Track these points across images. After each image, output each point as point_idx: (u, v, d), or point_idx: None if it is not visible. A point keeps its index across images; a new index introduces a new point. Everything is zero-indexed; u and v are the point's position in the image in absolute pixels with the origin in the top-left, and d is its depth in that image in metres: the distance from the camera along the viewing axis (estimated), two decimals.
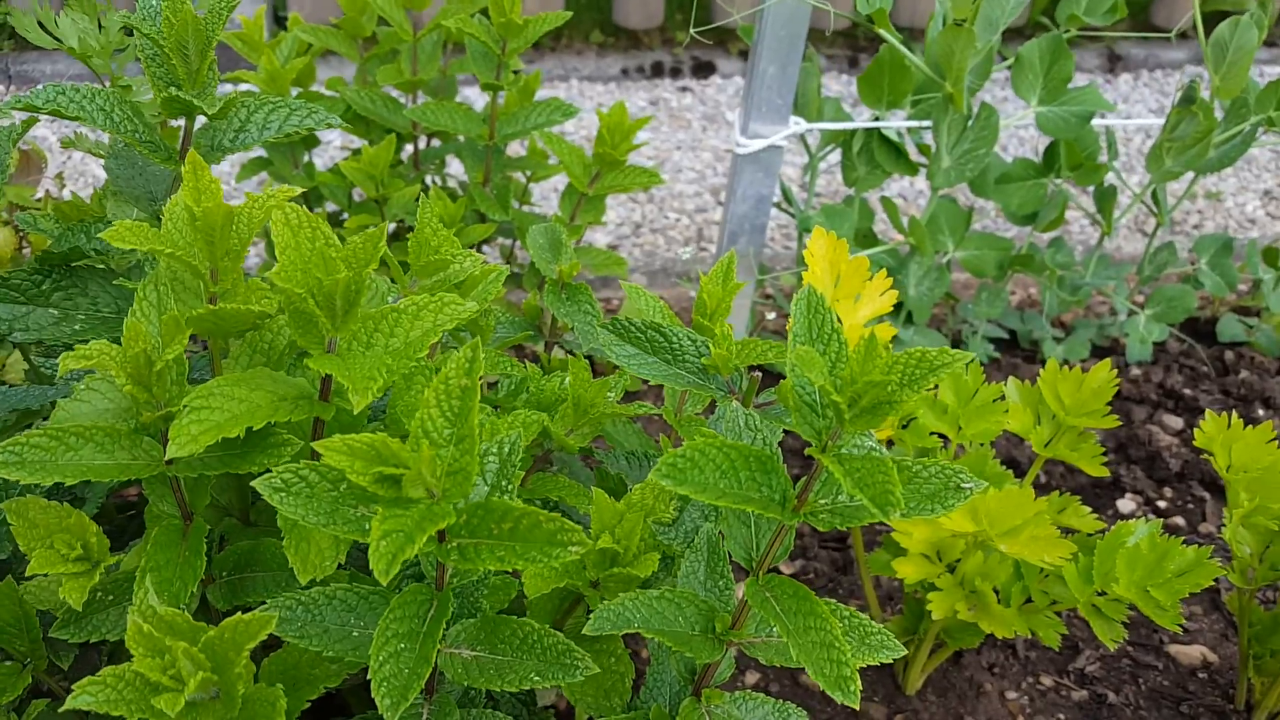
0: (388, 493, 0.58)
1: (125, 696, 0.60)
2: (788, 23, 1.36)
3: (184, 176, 0.69)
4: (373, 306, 0.74)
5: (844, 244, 0.99)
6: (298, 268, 0.66)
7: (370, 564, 0.54)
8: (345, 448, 0.58)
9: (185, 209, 0.69)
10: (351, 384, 0.62)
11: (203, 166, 0.70)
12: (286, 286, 0.62)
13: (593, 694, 0.80)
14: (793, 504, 0.64)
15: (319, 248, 0.66)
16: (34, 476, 0.65)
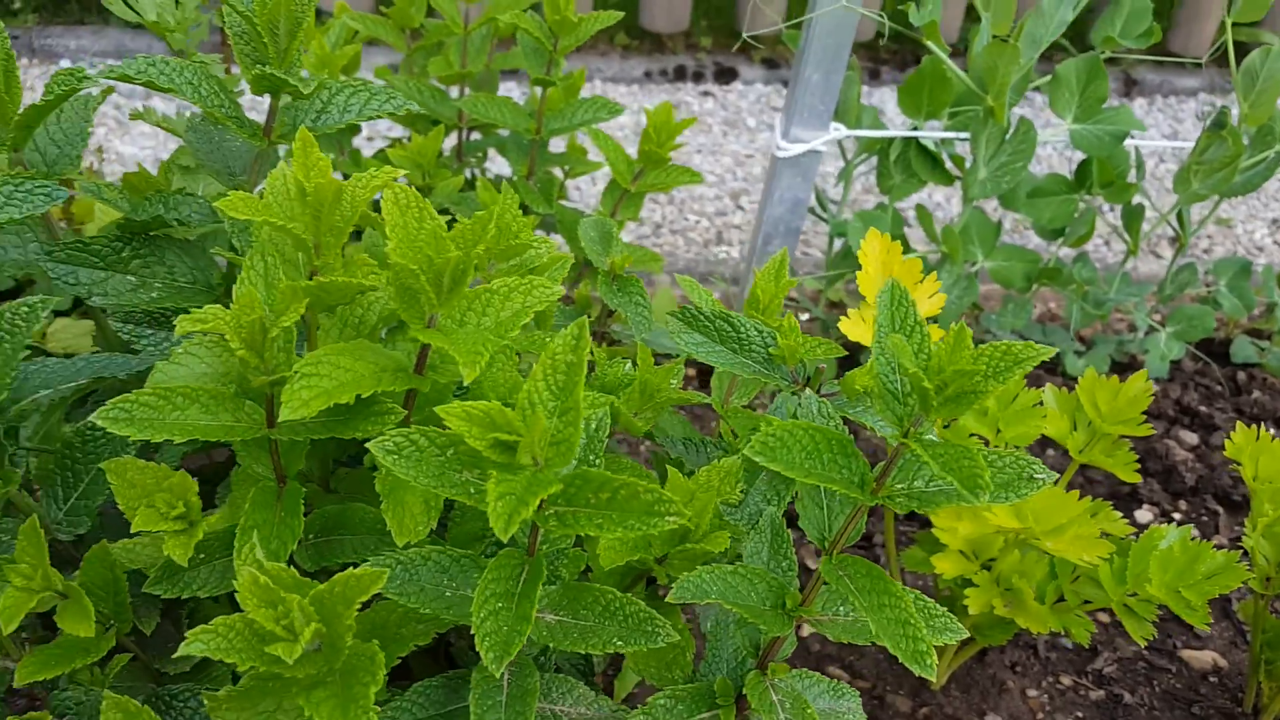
0: (500, 458, 0.61)
1: (236, 645, 0.63)
2: (834, 31, 1.40)
3: (294, 153, 0.72)
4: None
5: (897, 245, 1.03)
6: (407, 245, 0.69)
7: (490, 522, 0.57)
8: (464, 414, 0.61)
9: (296, 183, 0.72)
10: (461, 357, 0.65)
11: (312, 143, 0.73)
12: (402, 263, 0.65)
13: (655, 665, 0.83)
14: (871, 486, 0.67)
15: (430, 227, 0.69)
16: (143, 433, 0.68)
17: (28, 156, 0.94)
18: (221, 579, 0.75)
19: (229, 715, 0.70)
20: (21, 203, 0.73)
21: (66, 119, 0.97)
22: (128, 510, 0.70)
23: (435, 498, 0.74)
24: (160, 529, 0.70)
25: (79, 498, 0.77)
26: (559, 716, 0.77)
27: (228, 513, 0.77)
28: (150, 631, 0.77)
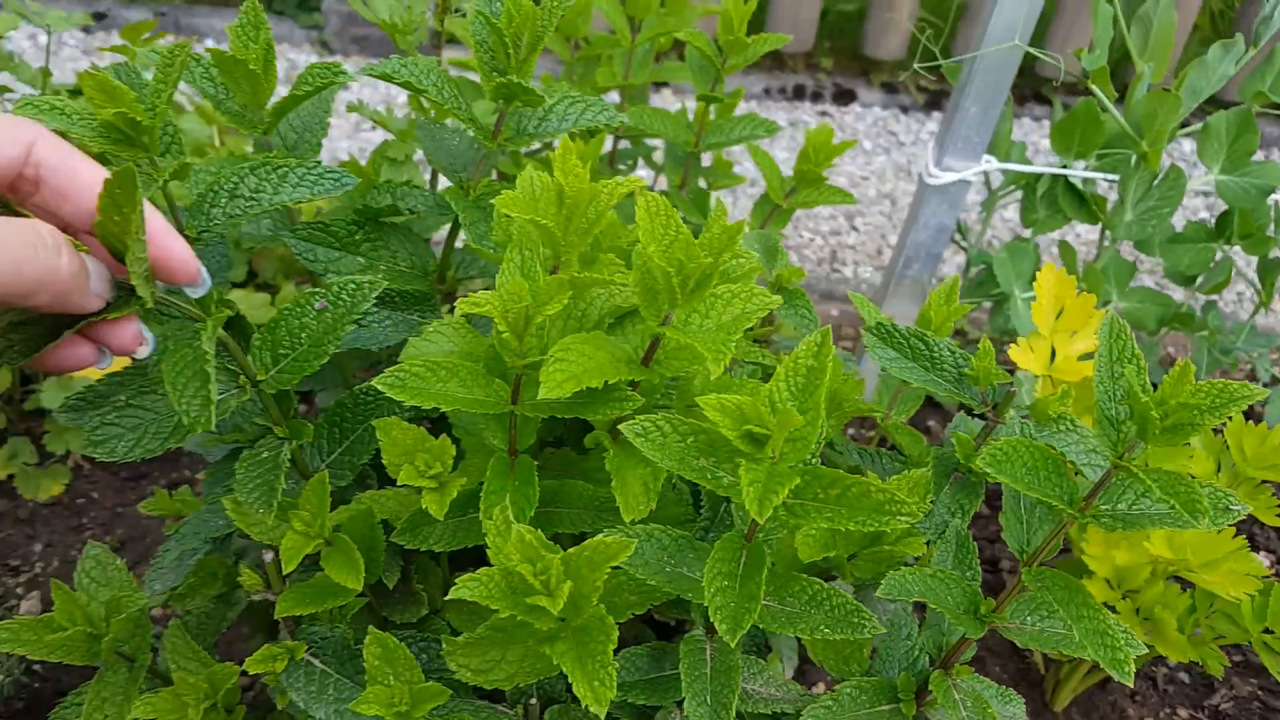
0: (748, 449, 0.68)
1: (494, 594, 0.70)
2: (997, 68, 1.44)
3: (555, 158, 0.79)
4: None
5: (1072, 280, 1.07)
6: (659, 248, 0.75)
7: (745, 503, 0.64)
8: (719, 405, 0.67)
9: (555, 185, 0.79)
10: (708, 354, 0.71)
11: (571, 149, 0.80)
12: (660, 264, 0.72)
13: (834, 658, 0.88)
14: (1079, 504, 0.72)
15: (679, 234, 0.75)
16: (414, 399, 0.75)
17: (271, 140, 1.02)
18: (453, 536, 0.83)
19: (460, 659, 0.77)
20: (313, 185, 0.81)
21: (305, 108, 1.05)
22: (391, 467, 0.78)
23: (654, 481, 0.80)
24: (419, 484, 0.77)
25: (342, 454, 0.85)
26: (750, 695, 0.83)
27: (465, 479, 0.84)
28: (393, 584, 0.85)
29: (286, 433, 0.81)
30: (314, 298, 0.79)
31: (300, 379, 0.76)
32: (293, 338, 0.77)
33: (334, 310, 0.77)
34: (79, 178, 0.62)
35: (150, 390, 0.77)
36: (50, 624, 0.86)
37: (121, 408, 0.76)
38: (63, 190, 0.62)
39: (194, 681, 0.83)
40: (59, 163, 0.62)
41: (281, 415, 0.81)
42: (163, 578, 0.90)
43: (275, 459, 0.78)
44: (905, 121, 3.04)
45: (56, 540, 1.35)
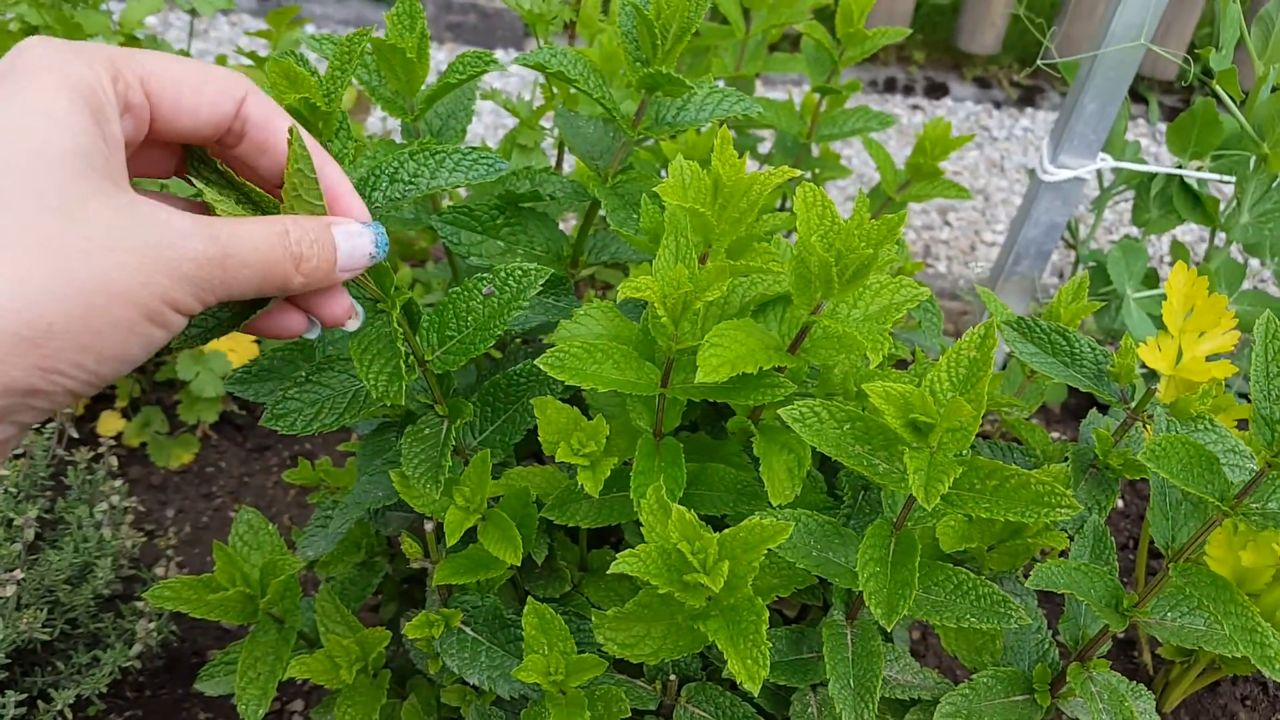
0: (910, 437, 0.69)
1: (652, 570, 0.72)
2: (1118, 66, 1.43)
3: (715, 148, 0.81)
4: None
5: (1204, 280, 1.06)
6: (816, 237, 0.77)
7: (912, 489, 0.65)
8: (884, 394, 0.69)
9: (712, 174, 0.81)
10: (868, 343, 0.73)
11: (729, 140, 0.82)
12: (821, 254, 0.74)
13: (966, 649, 0.90)
14: (1230, 501, 0.73)
15: (835, 224, 0.77)
16: (571, 379, 0.78)
17: (419, 127, 1.06)
18: (600, 513, 0.85)
19: (608, 632, 0.80)
20: (468, 170, 0.83)
21: (451, 95, 1.09)
22: (547, 445, 0.81)
23: (799, 466, 0.82)
24: (573, 462, 0.80)
25: (494, 431, 0.88)
26: (887, 681, 0.84)
27: (615, 459, 0.86)
28: (541, 560, 0.88)
29: (446, 410, 0.84)
30: (481, 283, 0.82)
31: (466, 360, 0.79)
32: (459, 321, 0.81)
33: (500, 295, 0.80)
34: (280, 134, 0.64)
35: (329, 367, 0.81)
36: (210, 583, 0.90)
37: (302, 383, 0.80)
38: (262, 145, 0.64)
39: (346, 644, 0.87)
40: (263, 118, 0.64)
41: (442, 394, 0.84)
42: (315, 545, 0.94)
43: (438, 436, 0.81)
44: (998, 117, 3.00)
45: (188, 506, 1.41)
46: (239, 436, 1.50)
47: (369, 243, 0.65)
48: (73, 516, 1.03)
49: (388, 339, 0.71)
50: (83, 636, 1.06)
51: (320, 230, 0.62)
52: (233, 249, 0.56)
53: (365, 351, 0.72)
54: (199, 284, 0.55)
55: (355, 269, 0.65)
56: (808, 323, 0.80)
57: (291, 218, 0.62)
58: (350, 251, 0.64)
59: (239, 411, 1.53)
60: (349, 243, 0.64)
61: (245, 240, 0.57)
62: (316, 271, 0.62)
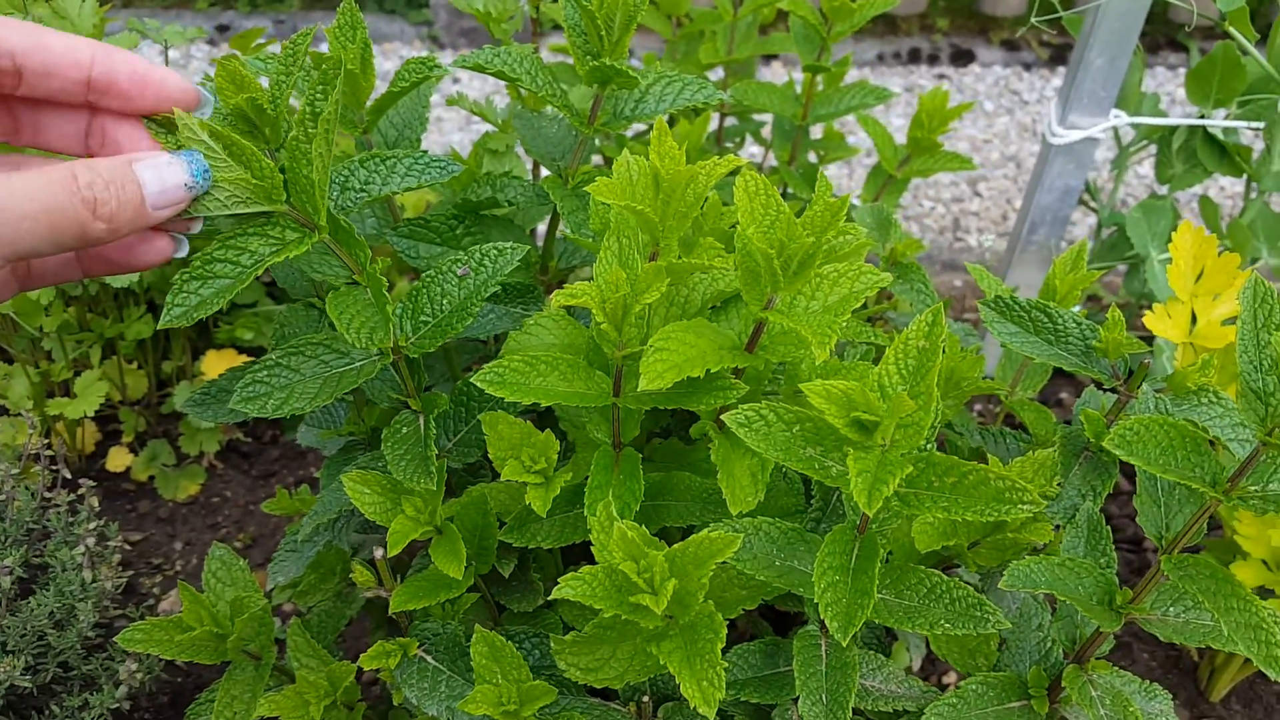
0: (857, 437, 0.64)
1: (599, 593, 0.68)
2: (1124, 15, 1.35)
3: (652, 140, 0.77)
4: None
5: (1212, 239, 0.99)
6: (758, 229, 0.72)
7: (854, 494, 0.60)
8: (825, 392, 0.64)
9: (650, 169, 0.77)
10: (813, 337, 0.68)
11: (666, 131, 0.78)
12: (760, 246, 0.69)
13: (959, 652, 0.84)
14: (1224, 486, 0.66)
15: (780, 214, 0.72)
16: (513, 395, 0.74)
17: (372, 139, 1.03)
18: (560, 532, 0.82)
19: (570, 658, 0.76)
20: (420, 174, 0.81)
21: (404, 103, 1.06)
22: (497, 460, 0.78)
23: (762, 471, 0.77)
24: (523, 479, 0.76)
25: (470, 431, 0.87)
26: (869, 691, 0.79)
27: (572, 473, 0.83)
28: (508, 573, 0.85)
29: (420, 405, 0.83)
30: (456, 264, 0.81)
31: (442, 342, 0.78)
32: (434, 304, 0.80)
33: (476, 275, 0.79)
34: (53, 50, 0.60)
35: (298, 351, 0.80)
36: (180, 624, 0.89)
37: (272, 366, 0.79)
38: (43, 69, 0.60)
39: (314, 679, 0.85)
40: (29, 42, 0.60)
41: (416, 388, 0.83)
42: (285, 569, 0.92)
43: (417, 433, 0.81)
44: (1028, 79, 2.90)
45: (195, 539, 1.41)
46: (245, 465, 1.50)
47: (181, 172, 0.60)
48: (55, 560, 1.03)
49: (365, 300, 0.73)
50: (77, 679, 1.05)
51: (116, 169, 0.58)
52: (4, 204, 0.53)
53: (345, 311, 0.72)
54: None
55: (172, 204, 0.61)
56: (760, 319, 0.76)
57: (83, 161, 0.58)
58: (161, 187, 0.59)
59: (244, 439, 1.52)
60: (157, 176, 0.59)
61: (18, 190, 0.54)
62: (120, 214, 0.58)
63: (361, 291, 0.77)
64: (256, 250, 0.69)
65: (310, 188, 0.69)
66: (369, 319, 0.74)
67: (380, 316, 0.74)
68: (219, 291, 0.67)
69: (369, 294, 0.76)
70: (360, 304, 0.75)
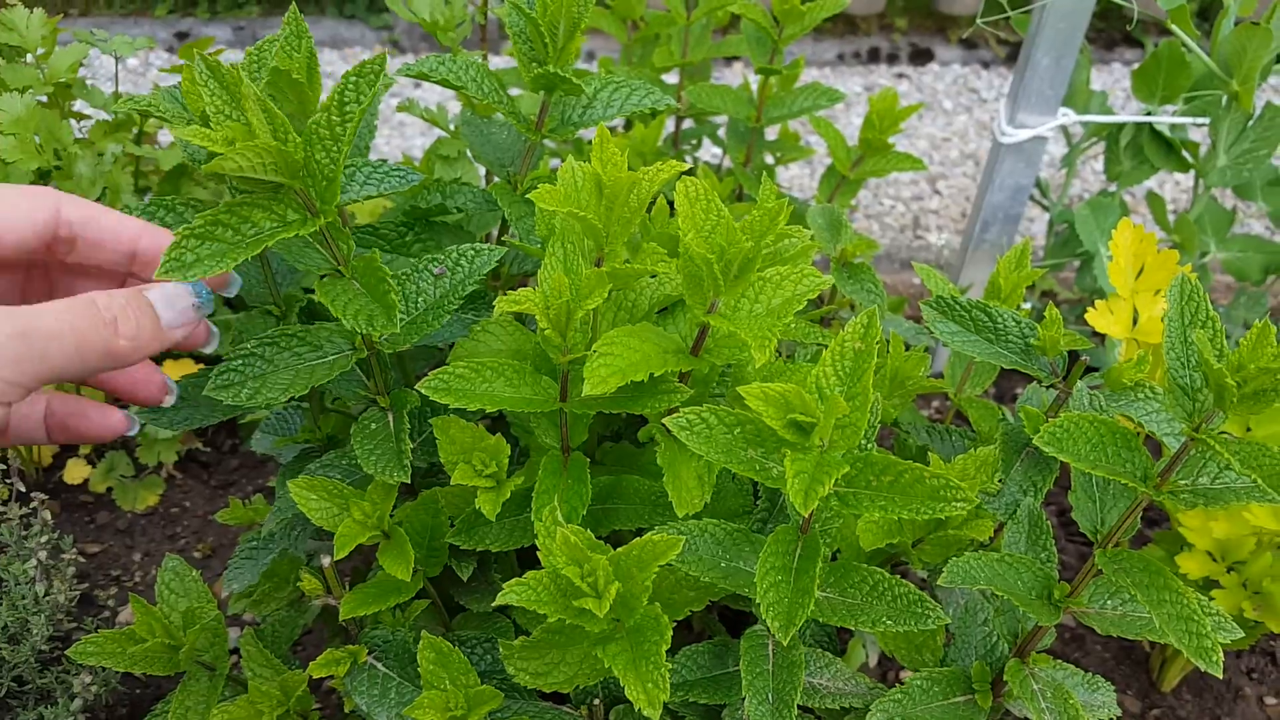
0: (794, 438, 0.65)
1: (543, 597, 0.69)
2: (1069, 15, 1.37)
3: (594, 146, 0.77)
4: None
5: (1151, 237, 1.01)
6: (699, 235, 0.73)
7: (789, 495, 0.61)
8: (762, 395, 0.65)
9: (592, 175, 0.77)
10: (752, 341, 0.69)
11: (608, 137, 0.78)
12: (700, 251, 0.70)
13: (906, 648, 0.85)
14: (1154, 481, 0.68)
15: (720, 219, 0.73)
16: (458, 402, 0.75)
17: None
18: (510, 535, 0.82)
19: (519, 663, 0.77)
20: (379, 183, 0.81)
21: None
22: (448, 464, 0.78)
23: (708, 473, 0.78)
24: (474, 484, 0.77)
25: (430, 434, 0.87)
26: (817, 689, 0.80)
27: (524, 477, 0.83)
28: (467, 576, 0.85)
29: (389, 403, 0.84)
30: (432, 263, 0.81)
31: (417, 340, 0.79)
32: (409, 303, 0.81)
33: (452, 275, 0.80)
34: (103, 225, 0.70)
35: (273, 343, 0.80)
36: (132, 636, 0.88)
37: (246, 356, 0.79)
38: (95, 240, 0.70)
39: (267, 689, 0.85)
40: (84, 218, 0.69)
41: (386, 386, 0.84)
42: (240, 576, 0.92)
43: (386, 429, 0.82)
44: (987, 77, 2.93)
45: (154, 549, 1.40)
46: (204, 475, 1.49)
47: (188, 295, 0.68)
48: (8, 574, 1.02)
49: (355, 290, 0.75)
50: (32, 693, 1.05)
51: (131, 296, 0.66)
52: (34, 324, 0.60)
53: (338, 299, 0.73)
54: (12, 361, 0.59)
55: (185, 324, 0.68)
56: (703, 323, 0.76)
57: (101, 291, 0.66)
58: (172, 308, 0.67)
59: (203, 449, 1.51)
60: (166, 300, 0.67)
61: (47, 313, 0.61)
62: (141, 333, 0.65)
63: (349, 281, 0.77)
64: (259, 223, 0.70)
65: (328, 173, 0.70)
66: (364, 305, 0.74)
67: (378, 305, 0.74)
68: (216, 253, 0.67)
69: (356, 284, 0.77)
70: (351, 292, 0.76)
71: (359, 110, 0.72)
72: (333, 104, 0.71)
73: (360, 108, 0.72)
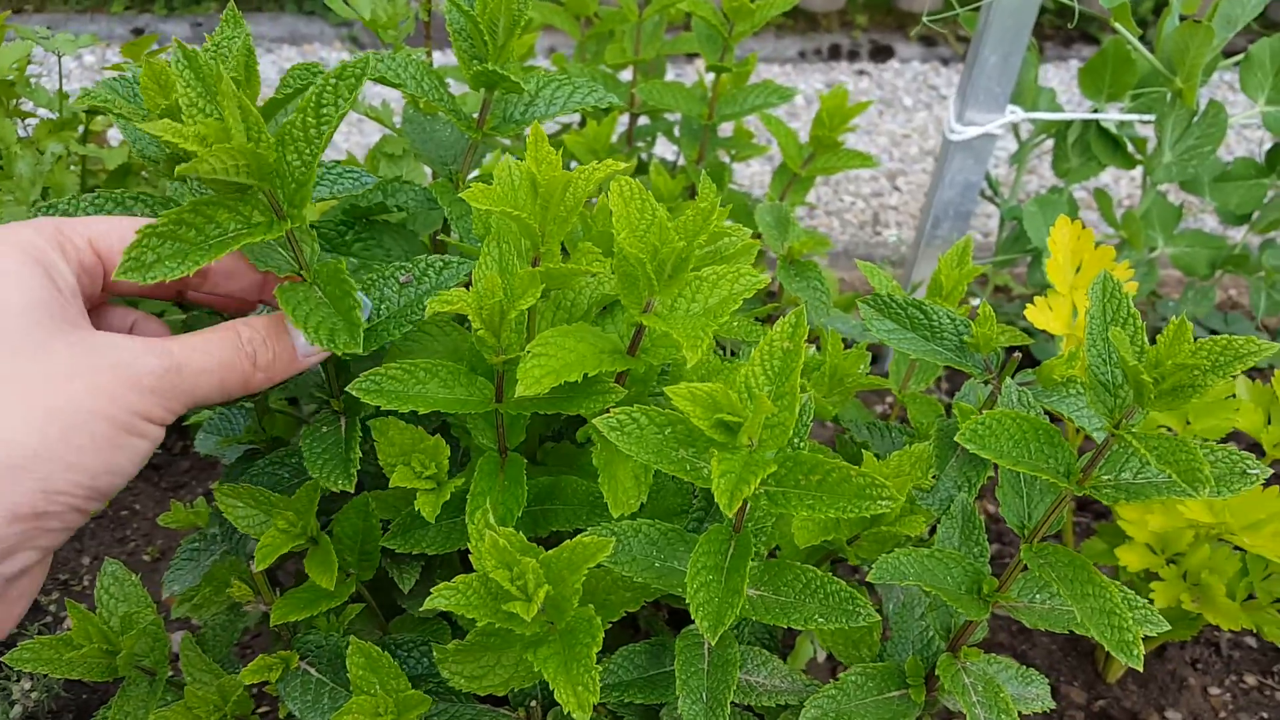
0: (721, 438, 0.65)
1: (473, 601, 0.68)
2: (1015, 13, 1.38)
3: (529, 145, 0.77)
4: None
5: (1089, 233, 1.02)
6: (633, 234, 0.73)
7: (715, 496, 0.61)
8: (689, 395, 0.65)
9: (527, 175, 0.77)
10: (684, 341, 0.69)
11: (543, 136, 0.78)
12: (632, 251, 0.70)
13: (844, 643, 0.86)
14: (1077, 476, 0.68)
15: (654, 219, 0.73)
16: (391, 404, 0.74)
17: None
18: (447, 538, 0.82)
19: (454, 667, 0.76)
20: (333, 184, 0.80)
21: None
22: (386, 466, 0.77)
23: (645, 473, 0.78)
24: (413, 486, 0.76)
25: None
26: (754, 687, 0.80)
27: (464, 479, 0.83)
28: (408, 587, 0.84)
29: (342, 406, 0.83)
30: (399, 269, 0.80)
31: (379, 345, 0.77)
32: (373, 309, 0.80)
33: (418, 284, 0.79)
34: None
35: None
36: (69, 642, 0.87)
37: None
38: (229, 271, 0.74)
39: (204, 694, 0.84)
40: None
41: (341, 388, 0.83)
42: (180, 578, 0.91)
43: (338, 433, 0.81)
44: (946, 74, 2.94)
45: (102, 553, 1.38)
46: (154, 477, 1.47)
47: None
48: None
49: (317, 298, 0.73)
50: None
51: (271, 327, 0.69)
52: (186, 359, 0.63)
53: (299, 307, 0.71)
54: (162, 394, 0.61)
55: (318, 353, 0.72)
56: (638, 323, 0.76)
57: (244, 320, 0.68)
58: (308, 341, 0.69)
59: (155, 450, 1.50)
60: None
61: (199, 349, 0.64)
62: (274, 365, 0.69)
63: (311, 288, 0.75)
64: (224, 224, 0.67)
65: (300, 176, 0.68)
66: (327, 317, 0.72)
67: (341, 320, 0.72)
68: (178, 254, 0.64)
69: (319, 292, 0.75)
70: (314, 301, 0.74)
71: (337, 114, 0.69)
72: (309, 105, 0.69)
73: (339, 112, 0.69)
